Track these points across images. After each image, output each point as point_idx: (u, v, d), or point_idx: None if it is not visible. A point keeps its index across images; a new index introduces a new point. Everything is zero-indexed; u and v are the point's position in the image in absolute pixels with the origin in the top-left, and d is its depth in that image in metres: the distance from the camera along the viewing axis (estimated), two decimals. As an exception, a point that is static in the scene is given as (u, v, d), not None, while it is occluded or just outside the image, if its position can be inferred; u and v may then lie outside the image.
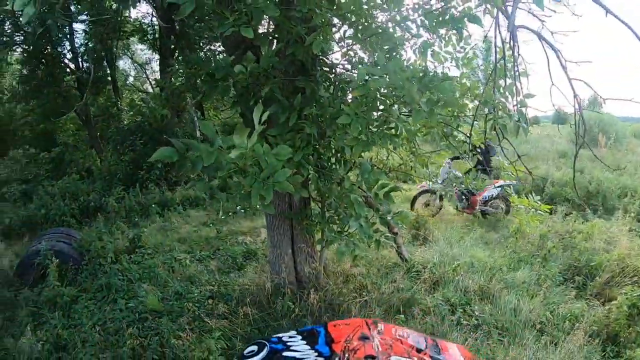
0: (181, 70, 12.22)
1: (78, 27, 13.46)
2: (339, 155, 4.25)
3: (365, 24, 3.95)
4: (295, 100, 3.79)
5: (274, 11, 3.25)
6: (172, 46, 13.03)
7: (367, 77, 3.23)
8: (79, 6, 12.08)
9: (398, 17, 4.09)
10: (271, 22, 4.57)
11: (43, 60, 13.26)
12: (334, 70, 4.36)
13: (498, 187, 8.54)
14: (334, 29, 4.20)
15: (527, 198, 6.10)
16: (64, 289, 5.54)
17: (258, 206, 2.88)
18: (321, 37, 3.68)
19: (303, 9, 3.66)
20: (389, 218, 4.22)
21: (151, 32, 14.35)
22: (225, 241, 7.50)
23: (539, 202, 6.00)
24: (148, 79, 18.40)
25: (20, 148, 13.63)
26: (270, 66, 3.79)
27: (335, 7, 3.70)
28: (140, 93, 17.16)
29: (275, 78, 3.94)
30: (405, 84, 2.98)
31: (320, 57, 4.24)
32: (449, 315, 4.86)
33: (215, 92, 3.88)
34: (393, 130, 3.71)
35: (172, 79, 11.13)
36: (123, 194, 9.83)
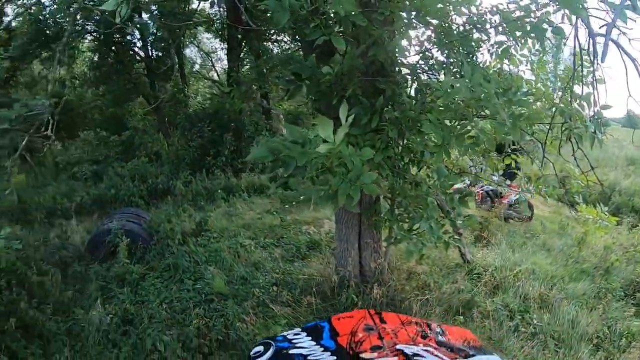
0: (247, 60, 12.43)
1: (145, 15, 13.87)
2: (412, 155, 4.27)
3: (447, 28, 3.98)
4: (378, 102, 3.85)
5: (362, 20, 3.32)
6: (240, 36, 13.04)
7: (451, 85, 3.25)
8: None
9: (475, 18, 4.09)
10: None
11: (113, 48, 13.66)
12: (415, 73, 4.39)
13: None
14: (413, 32, 4.23)
15: (595, 207, 5.93)
16: (133, 266, 5.87)
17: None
18: (404, 41, 3.74)
19: (385, 12, 3.73)
20: (459, 222, 4.26)
21: (219, 21, 14.56)
22: (289, 230, 7.55)
23: (606, 214, 5.83)
24: (214, 67, 18.84)
25: (91, 130, 14.13)
26: (352, 67, 3.85)
27: (421, 13, 3.72)
28: (206, 80, 17.59)
29: (356, 78, 3.99)
30: (490, 97, 2.98)
31: (399, 59, 4.27)
32: (507, 320, 4.87)
33: (300, 92, 4.01)
34: (474, 139, 3.74)
35: (240, 70, 11.27)
36: (190, 179, 10.17)
